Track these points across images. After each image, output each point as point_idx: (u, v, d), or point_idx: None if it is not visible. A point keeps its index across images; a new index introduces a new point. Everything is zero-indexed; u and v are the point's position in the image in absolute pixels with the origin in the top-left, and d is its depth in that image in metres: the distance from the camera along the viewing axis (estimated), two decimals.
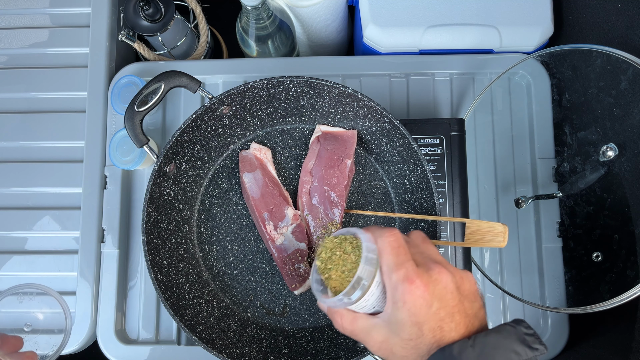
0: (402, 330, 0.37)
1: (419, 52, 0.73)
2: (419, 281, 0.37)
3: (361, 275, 0.38)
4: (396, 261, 0.38)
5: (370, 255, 0.39)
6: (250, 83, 0.59)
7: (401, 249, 0.38)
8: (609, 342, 0.60)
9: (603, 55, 0.59)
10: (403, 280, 0.37)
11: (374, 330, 0.40)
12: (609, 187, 0.60)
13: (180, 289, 0.60)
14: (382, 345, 0.39)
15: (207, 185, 0.67)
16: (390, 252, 0.38)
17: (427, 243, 0.42)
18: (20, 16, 0.77)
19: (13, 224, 0.72)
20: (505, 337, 0.36)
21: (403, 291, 0.37)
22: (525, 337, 0.36)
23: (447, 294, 0.37)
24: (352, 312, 0.41)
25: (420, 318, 0.37)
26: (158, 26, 0.73)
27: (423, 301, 0.36)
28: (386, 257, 0.38)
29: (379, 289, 0.39)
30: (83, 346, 0.69)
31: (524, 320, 0.37)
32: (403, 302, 0.37)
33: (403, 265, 0.37)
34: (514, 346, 0.35)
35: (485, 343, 0.35)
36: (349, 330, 0.41)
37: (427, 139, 0.64)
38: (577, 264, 0.65)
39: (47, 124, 0.74)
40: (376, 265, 0.39)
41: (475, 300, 0.39)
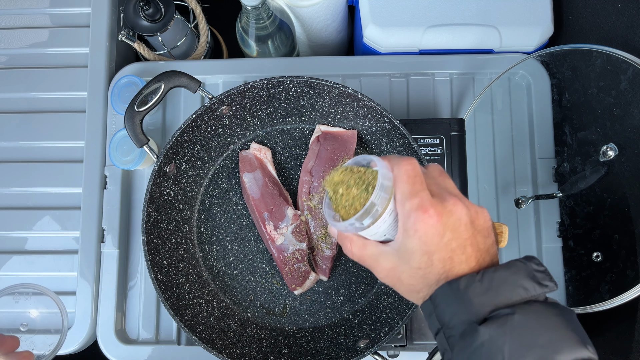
0: (412, 258, 0.37)
1: (419, 52, 0.73)
2: (433, 210, 0.36)
3: (375, 201, 0.38)
4: (411, 190, 0.37)
5: (386, 182, 0.38)
6: (250, 83, 0.59)
7: (417, 178, 0.37)
8: (609, 342, 0.60)
9: (603, 55, 0.59)
10: (417, 208, 0.36)
11: (382, 257, 0.39)
12: (609, 187, 0.60)
13: (180, 289, 0.60)
14: (389, 272, 0.39)
15: (207, 185, 0.67)
16: (406, 181, 0.37)
17: (444, 176, 0.41)
18: (20, 16, 0.77)
19: (13, 224, 0.72)
20: (514, 272, 0.35)
21: (416, 219, 0.36)
22: (535, 273, 0.35)
23: (460, 226, 0.37)
24: (362, 239, 0.41)
25: (431, 247, 0.36)
26: (158, 26, 0.73)
27: (435, 230, 0.36)
28: (401, 185, 0.37)
29: (392, 217, 0.39)
30: (83, 346, 0.69)
31: (535, 257, 0.37)
32: (415, 230, 0.36)
33: (418, 194, 0.37)
34: (522, 282, 0.35)
35: (493, 278, 0.35)
36: (358, 256, 0.41)
37: (427, 139, 0.64)
38: (577, 264, 0.65)
39: (47, 124, 0.74)
40: (390, 192, 0.38)
41: (488, 236, 0.38)
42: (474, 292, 0.34)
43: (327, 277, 0.64)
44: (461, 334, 0.34)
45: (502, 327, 0.33)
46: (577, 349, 0.33)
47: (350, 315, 0.63)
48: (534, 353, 0.32)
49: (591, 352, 0.33)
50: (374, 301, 0.63)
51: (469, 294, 0.34)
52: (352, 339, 0.60)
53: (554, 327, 0.33)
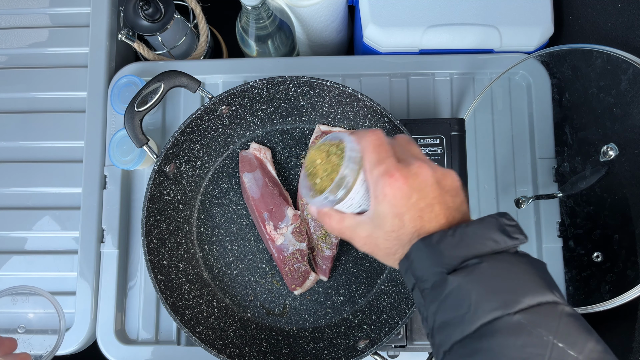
0: (385, 222, 0.39)
1: (419, 52, 0.73)
2: (398, 174, 0.38)
3: (344, 173, 0.40)
4: (377, 158, 0.39)
5: (353, 154, 0.40)
6: (250, 83, 0.59)
7: (382, 147, 0.39)
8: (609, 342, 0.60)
9: (603, 55, 0.59)
10: (383, 174, 0.38)
11: (359, 227, 0.41)
12: (609, 187, 0.60)
13: (180, 289, 0.60)
14: (367, 240, 0.41)
15: (207, 185, 0.67)
16: (372, 150, 0.39)
17: (411, 144, 0.43)
18: (20, 16, 0.77)
19: (13, 224, 0.72)
20: (486, 226, 0.36)
21: (383, 185, 0.38)
22: (506, 227, 0.36)
23: (426, 186, 0.38)
24: (339, 212, 0.43)
25: (401, 209, 0.38)
26: (158, 26, 0.73)
27: (402, 193, 0.38)
28: (368, 155, 0.39)
29: (364, 188, 0.41)
30: (83, 346, 0.68)
31: (508, 213, 0.38)
32: (384, 195, 0.38)
33: (383, 161, 0.39)
34: (493, 235, 0.36)
35: (464, 232, 0.36)
36: (337, 229, 0.43)
37: (427, 139, 0.64)
38: (577, 264, 0.65)
39: (47, 124, 0.74)
40: (359, 163, 0.40)
41: (457, 195, 0.40)
42: (446, 245, 0.36)
43: (327, 277, 0.64)
44: (432, 285, 0.35)
45: (470, 275, 0.34)
46: (542, 293, 0.33)
47: (350, 316, 0.63)
48: (499, 297, 0.33)
49: (557, 296, 0.34)
50: (374, 301, 0.63)
51: (441, 247, 0.36)
52: (352, 339, 0.60)
53: (520, 274, 0.34)
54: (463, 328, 0.33)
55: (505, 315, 0.32)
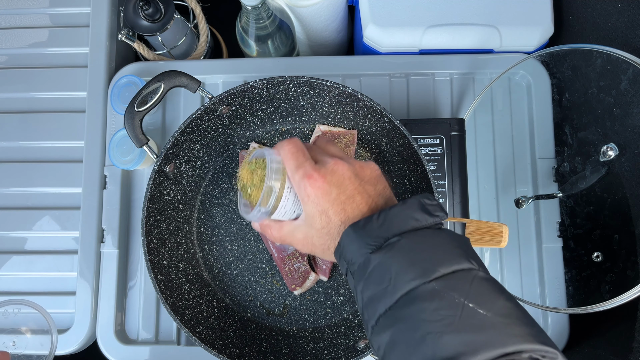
0: (314, 221, 0.41)
1: (419, 52, 0.73)
2: (317, 174, 0.41)
3: (270, 184, 0.42)
4: (296, 163, 0.42)
5: (274, 165, 0.43)
6: (250, 83, 0.59)
7: (299, 153, 0.42)
8: (609, 342, 0.60)
9: (603, 55, 0.59)
10: (303, 177, 0.41)
11: (296, 231, 0.44)
12: (609, 187, 0.60)
13: (180, 289, 0.60)
14: (304, 241, 0.44)
15: (207, 185, 0.67)
16: (290, 157, 0.42)
17: (330, 145, 0.46)
18: (20, 16, 0.77)
19: (13, 224, 0.72)
20: (408, 207, 0.38)
21: (305, 186, 0.41)
22: (427, 207, 0.39)
23: (344, 180, 0.41)
24: (277, 222, 0.46)
25: (324, 206, 0.40)
26: (158, 26, 0.73)
27: (323, 190, 0.40)
28: (287, 163, 0.42)
29: (292, 194, 0.43)
30: (83, 346, 0.68)
31: (430, 194, 0.40)
32: (307, 196, 0.41)
33: (302, 165, 0.41)
34: (414, 214, 0.38)
35: (388, 214, 0.38)
36: (278, 237, 0.46)
37: (427, 139, 0.64)
38: (577, 264, 0.65)
39: (47, 124, 0.74)
40: (282, 172, 0.43)
41: (377, 183, 0.42)
42: (371, 228, 0.38)
43: (327, 277, 0.64)
44: (359, 266, 0.37)
45: (390, 251, 0.36)
46: (457, 262, 0.35)
47: (350, 315, 0.63)
48: (417, 268, 0.35)
49: (473, 264, 0.36)
50: None
51: (366, 230, 0.38)
52: (352, 339, 0.60)
53: (438, 245, 0.37)
54: (386, 301, 0.35)
55: (422, 284, 0.34)
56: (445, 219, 0.39)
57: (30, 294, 0.70)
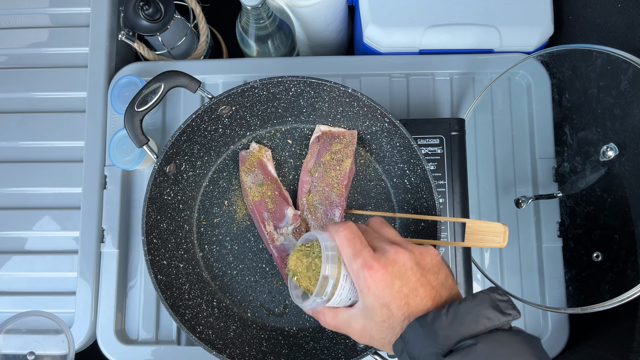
0: (374, 314, 0.39)
1: (419, 52, 0.73)
2: (377, 265, 0.38)
3: (326, 274, 0.41)
4: (353, 252, 0.40)
5: (330, 252, 0.41)
6: (250, 83, 0.59)
7: (356, 239, 0.40)
8: (609, 342, 0.60)
9: (603, 55, 0.59)
10: (362, 267, 0.39)
11: (352, 320, 0.42)
12: (609, 187, 0.60)
13: (180, 289, 0.60)
14: (362, 332, 0.41)
15: (207, 185, 0.67)
16: (347, 245, 0.40)
17: (385, 227, 0.44)
18: (20, 16, 0.77)
19: (13, 224, 0.72)
20: (478, 303, 0.36)
21: (364, 278, 0.38)
22: (498, 303, 0.37)
23: (406, 271, 0.39)
24: (332, 309, 0.43)
25: (386, 299, 0.38)
26: (158, 26, 0.73)
27: (384, 283, 0.38)
28: (344, 250, 0.40)
29: (349, 282, 0.41)
30: (83, 346, 0.69)
31: (500, 287, 0.39)
32: (367, 288, 0.39)
33: (360, 254, 0.39)
34: (486, 312, 0.36)
35: (457, 310, 0.36)
36: (333, 325, 0.44)
37: (427, 139, 0.64)
38: (577, 264, 0.65)
39: (47, 124, 0.74)
40: (338, 260, 0.41)
41: (439, 271, 0.40)
42: (440, 325, 0.36)
43: None
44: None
45: (466, 357, 0.34)
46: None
47: None
48: None
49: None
50: None
51: (435, 327, 0.36)
52: (352, 339, 0.60)
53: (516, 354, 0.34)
54: None
55: None
56: (518, 317, 0.37)
57: (30, 294, 0.70)
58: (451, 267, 0.61)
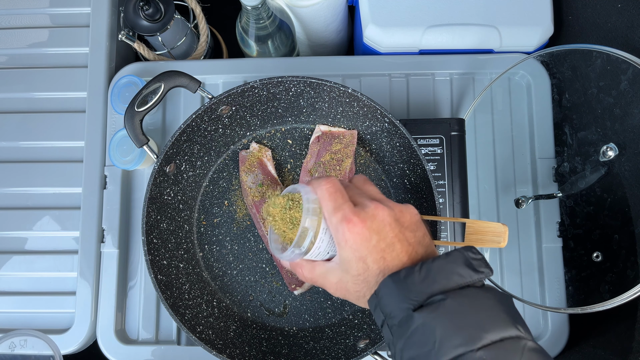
0: (350, 267, 0.40)
1: (419, 52, 0.73)
2: (356, 219, 0.39)
3: (306, 225, 0.41)
4: (334, 205, 0.40)
5: (311, 205, 0.41)
6: (250, 83, 0.59)
7: (338, 194, 0.40)
8: (609, 342, 0.60)
9: (603, 55, 0.59)
10: (341, 220, 0.39)
11: (329, 273, 0.42)
12: (609, 187, 0.60)
13: (180, 289, 0.60)
14: (337, 285, 0.42)
15: (207, 185, 0.67)
16: (328, 198, 0.40)
17: (367, 184, 0.44)
18: (20, 16, 0.77)
19: (13, 224, 0.72)
20: (451, 261, 0.37)
21: (343, 231, 0.39)
22: (471, 261, 0.37)
23: (385, 226, 0.39)
24: (310, 262, 0.44)
25: (363, 252, 0.39)
26: (158, 26, 0.73)
27: (362, 237, 0.39)
28: (325, 203, 0.40)
29: (328, 235, 0.42)
30: (83, 346, 0.69)
31: (474, 247, 0.38)
32: (345, 241, 0.39)
33: (340, 208, 0.40)
34: (458, 269, 0.36)
35: (431, 267, 0.36)
36: (309, 278, 0.44)
37: (427, 139, 0.64)
38: (577, 264, 0.65)
39: (47, 124, 0.74)
40: (318, 213, 0.41)
41: (417, 229, 0.41)
42: (413, 281, 0.36)
43: None
44: (399, 322, 0.36)
45: (435, 311, 0.34)
46: (505, 328, 0.34)
47: (350, 315, 0.63)
48: (463, 333, 0.33)
49: (521, 331, 0.34)
50: None
51: (407, 283, 0.36)
52: (352, 339, 0.60)
53: (484, 308, 0.35)
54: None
55: (469, 352, 0.32)
56: (490, 275, 0.37)
57: (30, 294, 0.70)
58: None
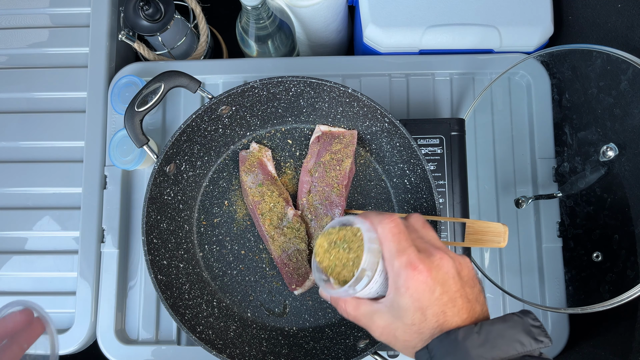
0: (405, 315, 0.37)
1: (419, 52, 0.73)
2: (422, 266, 0.37)
3: (365, 267, 0.38)
4: (398, 248, 0.38)
5: (373, 245, 0.39)
6: (250, 83, 0.59)
7: (402, 235, 0.38)
8: (609, 342, 0.60)
9: (603, 55, 0.59)
10: (406, 266, 0.37)
11: (376, 316, 0.40)
12: (609, 187, 0.60)
13: (180, 289, 0.60)
14: (384, 330, 0.40)
15: (207, 185, 0.67)
16: (392, 239, 0.38)
17: (427, 228, 0.42)
18: (20, 16, 0.77)
19: (13, 224, 0.72)
20: (511, 326, 0.36)
21: (406, 277, 0.37)
22: (531, 328, 0.36)
23: (449, 279, 0.37)
24: (355, 299, 0.42)
25: (424, 303, 0.37)
26: (158, 26, 0.73)
27: (426, 286, 0.37)
28: (387, 244, 0.38)
29: (382, 276, 0.40)
30: (83, 346, 0.68)
31: (531, 312, 0.37)
32: (406, 288, 0.37)
33: (405, 252, 0.37)
34: (519, 336, 0.35)
35: (490, 330, 0.35)
36: (352, 316, 0.42)
37: (427, 139, 0.64)
38: (577, 264, 0.65)
39: (47, 124, 0.74)
40: (378, 254, 0.39)
41: (474, 285, 0.39)
42: (472, 343, 0.35)
43: None
44: None
45: None
46: None
47: None
48: None
49: None
50: None
51: (466, 345, 0.35)
52: (352, 339, 0.60)
53: None
54: None
55: None
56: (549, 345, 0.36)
57: (30, 294, 0.70)
58: None
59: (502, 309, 0.67)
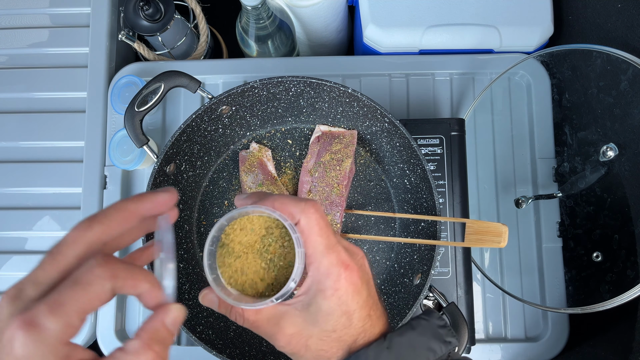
0: (327, 320, 0.32)
1: (419, 52, 0.73)
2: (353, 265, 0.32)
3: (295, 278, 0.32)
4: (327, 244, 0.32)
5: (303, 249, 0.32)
6: (250, 83, 0.59)
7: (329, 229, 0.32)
8: (609, 342, 0.60)
9: (603, 55, 0.59)
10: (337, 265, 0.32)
11: (284, 321, 0.33)
12: (609, 187, 0.60)
13: (180, 289, 0.60)
14: (293, 338, 0.33)
15: (207, 185, 0.67)
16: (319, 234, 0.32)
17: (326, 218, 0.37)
18: (20, 16, 0.77)
19: (13, 224, 0.72)
20: (421, 333, 0.33)
21: (337, 277, 0.32)
22: (438, 330, 0.34)
23: (370, 279, 0.34)
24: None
25: (352, 306, 0.32)
26: (158, 26, 0.73)
27: (355, 288, 0.32)
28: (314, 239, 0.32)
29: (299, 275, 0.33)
30: (83, 346, 0.68)
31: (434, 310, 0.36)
32: (335, 289, 0.32)
33: (334, 249, 0.32)
34: (429, 343, 0.33)
35: (400, 343, 0.32)
36: (251, 322, 0.35)
37: (427, 139, 0.64)
38: (577, 264, 0.65)
39: (47, 124, 0.74)
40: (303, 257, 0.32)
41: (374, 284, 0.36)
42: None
43: None
44: None
45: None
46: None
47: None
48: None
49: None
50: None
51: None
52: None
53: None
54: None
55: None
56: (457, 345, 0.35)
57: None
58: (451, 267, 0.61)
59: (502, 309, 0.67)
